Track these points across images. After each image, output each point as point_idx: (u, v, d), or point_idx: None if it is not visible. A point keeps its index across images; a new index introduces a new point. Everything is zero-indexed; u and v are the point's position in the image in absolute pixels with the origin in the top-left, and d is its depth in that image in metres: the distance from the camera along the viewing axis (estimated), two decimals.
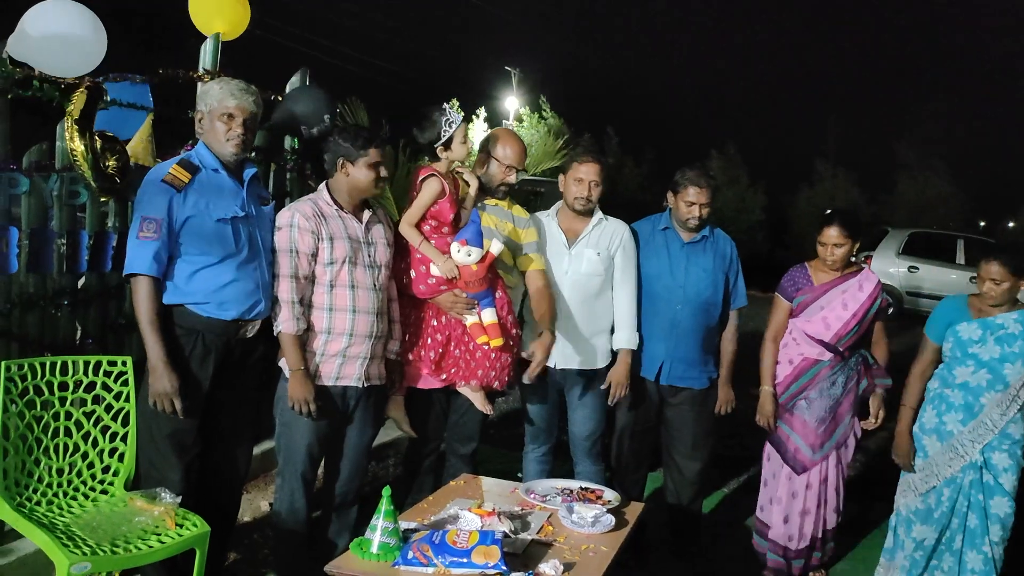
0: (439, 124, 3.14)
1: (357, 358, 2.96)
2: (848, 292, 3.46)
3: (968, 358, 3.15)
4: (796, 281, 3.58)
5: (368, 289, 2.96)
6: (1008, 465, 3.11)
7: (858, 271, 3.54)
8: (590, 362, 3.44)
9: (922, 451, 3.27)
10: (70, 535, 2.45)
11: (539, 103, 24.70)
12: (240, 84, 2.82)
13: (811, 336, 3.47)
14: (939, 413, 3.21)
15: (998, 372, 3.10)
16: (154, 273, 2.66)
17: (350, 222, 2.99)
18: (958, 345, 3.18)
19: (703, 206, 3.49)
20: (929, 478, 3.23)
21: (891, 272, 11.93)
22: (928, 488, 3.24)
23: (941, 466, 3.19)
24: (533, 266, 3.36)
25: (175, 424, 2.72)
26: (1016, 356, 3.07)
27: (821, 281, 3.52)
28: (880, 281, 3.54)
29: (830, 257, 3.45)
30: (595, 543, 2.46)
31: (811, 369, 3.49)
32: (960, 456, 3.15)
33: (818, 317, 3.46)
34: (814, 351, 3.48)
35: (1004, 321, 3.12)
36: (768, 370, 3.56)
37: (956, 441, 3.16)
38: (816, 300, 3.49)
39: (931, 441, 3.23)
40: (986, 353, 3.12)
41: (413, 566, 2.19)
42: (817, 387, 3.47)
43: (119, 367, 2.82)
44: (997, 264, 3.07)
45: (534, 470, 3.53)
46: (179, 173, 2.70)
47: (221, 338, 2.78)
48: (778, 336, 3.59)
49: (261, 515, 3.82)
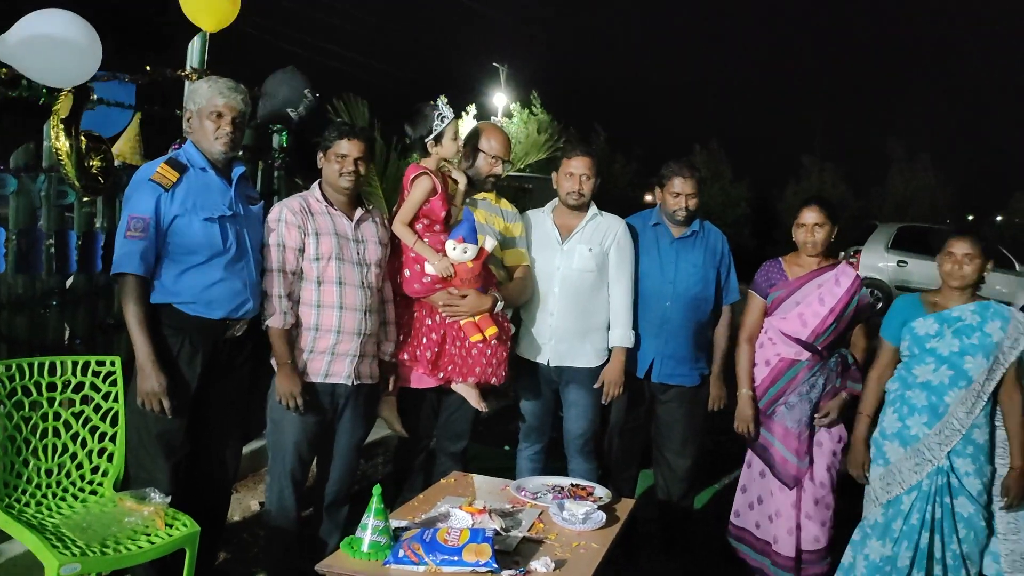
0: (431, 119, 3.13)
1: (346, 355, 2.96)
2: (824, 286, 3.34)
3: (927, 355, 2.98)
4: (770, 276, 3.46)
5: (356, 286, 2.96)
6: (971, 470, 2.95)
7: (835, 265, 3.41)
8: (584, 360, 3.44)
9: (882, 458, 3.05)
10: (59, 536, 2.45)
11: (529, 99, 24.69)
12: (229, 83, 2.82)
13: (787, 335, 3.35)
14: (901, 416, 3.02)
15: (959, 367, 2.93)
16: (141, 272, 2.65)
17: (339, 219, 2.98)
18: (915, 342, 3.01)
19: (689, 196, 3.49)
20: (891, 486, 3.02)
21: (880, 267, 11.98)
22: (889, 498, 3.02)
23: (905, 472, 2.98)
24: (518, 260, 3.38)
25: (163, 424, 2.72)
26: (976, 348, 2.91)
27: (796, 275, 3.40)
28: (859, 276, 3.40)
29: (810, 240, 3.34)
30: (586, 540, 2.47)
31: (789, 371, 3.37)
32: (928, 460, 2.95)
33: (794, 313, 3.35)
34: (791, 351, 3.36)
35: (960, 313, 2.97)
36: (745, 372, 3.44)
37: (922, 445, 2.96)
38: (791, 295, 3.37)
39: (893, 447, 3.02)
40: (945, 348, 2.95)
41: (404, 564, 2.19)
42: (796, 391, 3.35)
43: (108, 367, 2.81)
44: (968, 240, 2.95)
45: (527, 468, 3.53)
46: (167, 172, 2.69)
47: (209, 337, 2.77)
48: (753, 336, 3.47)
49: (251, 514, 3.81)
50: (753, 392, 3.43)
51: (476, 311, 3.09)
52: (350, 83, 5.45)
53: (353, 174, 2.96)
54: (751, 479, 3.54)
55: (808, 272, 3.40)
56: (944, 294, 3.06)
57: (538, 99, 24.29)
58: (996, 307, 2.99)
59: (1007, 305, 3.08)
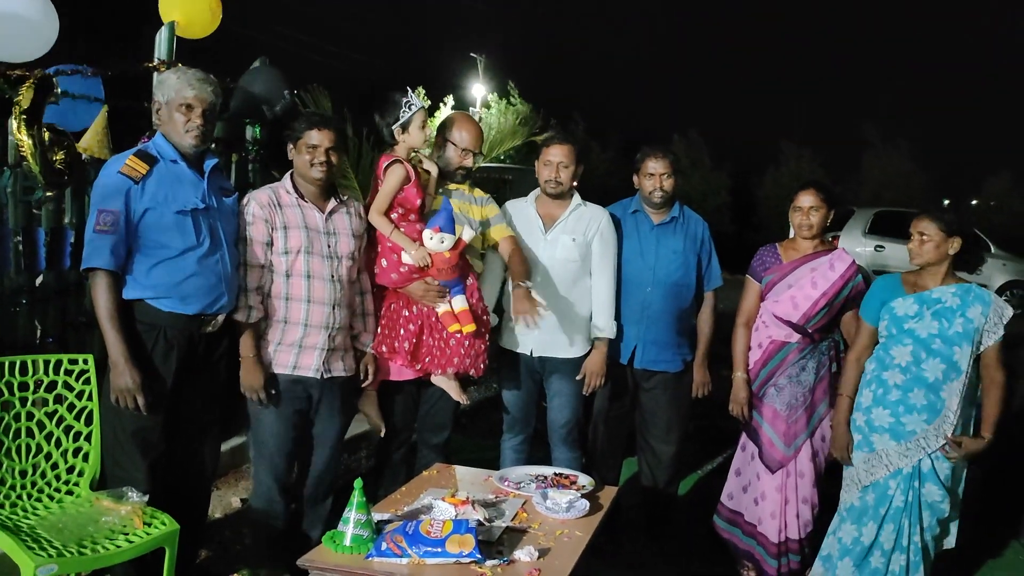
0: (399, 106, 3.11)
1: (314, 348, 2.93)
2: (818, 270, 3.35)
3: (905, 335, 3.00)
4: (765, 261, 3.50)
5: (325, 280, 2.93)
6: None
7: (830, 250, 3.43)
8: (567, 350, 3.43)
9: (868, 446, 3.07)
10: (35, 537, 2.41)
11: (507, 89, 24.62)
12: (198, 74, 2.76)
13: (779, 317, 3.39)
14: (894, 412, 3.01)
15: (950, 359, 2.95)
16: (112, 267, 2.60)
17: (309, 211, 2.95)
18: (894, 322, 3.03)
19: (663, 176, 3.49)
20: (876, 469, 3.05)
21: (858, 251, 12.06)
22: (873, 480, 3.05)
23: (895, 457, 3.01)
24: (502, 234, 3.34)
25: (139, 421, 2.67)
26: (961, 336, 2.93)
27: (791, 259, 3.43)
28: (855, 263, 3.39)
29: (805, 222, 3.35)
30: (570, 528, 2.46)
31: (779, 352, 3.39)
32: (922, 448, 2.98)
33: (786, 296, 3.37)
34: (782, 333, 3.39)
35: (941, 295, 2.98)
36: (740, 356, 3.47)
37: (920, 438, 2.98)
38: (784, 278, 3.40)
39: (883, 439, 3.03)
40: (923, 329, 2.97)
41: (387, 557, 2.17)
42: (786, 373, 3.38)
43: (80, 365, 2.77)
44: (928, 219, 2.98)
45: (511, 458, 3.52)
46: (136, 165, 2.64)
47: (184, 333, 2.73)
48: (750, 320, 3.50)
49: (232, 511, 3.78)
50: (747, 375, 3.46)
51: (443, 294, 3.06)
52: (326, 75, 5.39)
53: (325, 164, 2.92)
54: (744, 462, 3.57)
55: (802, 256, 3.42)
56: (924, 274, 3.06)
57: (515, 89, 24.23)
58: (977, 291, 2.99)
59: (984, 288, 3.09)
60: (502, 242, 3.33)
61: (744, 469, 3.57)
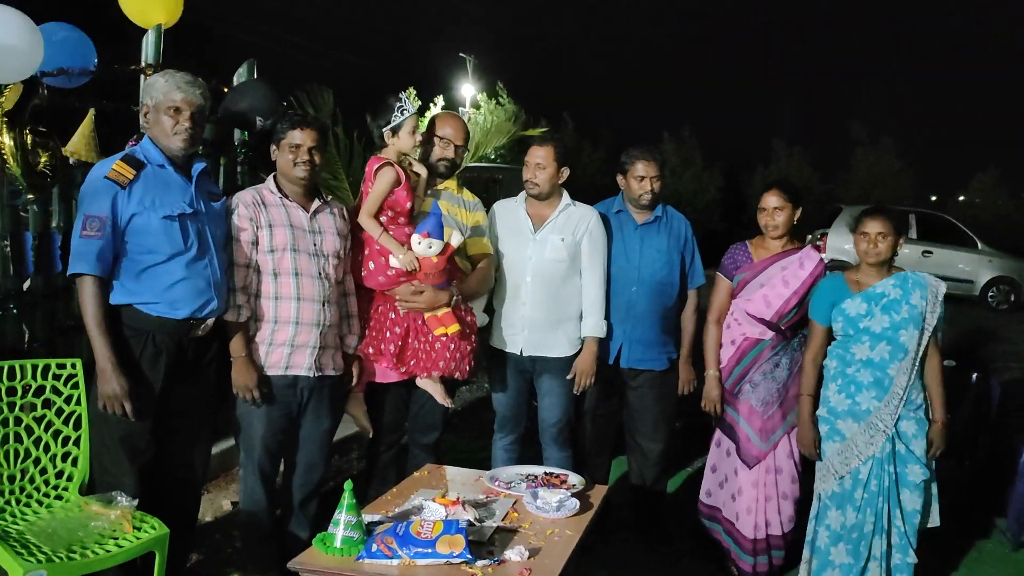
0: (392, 110, 3.12)
1: (306, 347, 2.93)
2: (789, 269, 3.42)
3: (862, 334, 3.12)
4: (736, 259, 3.56)
5: (313, 277, 2.94)
6: (915, 431, 3.12)
7: (799, 248, 3.50)
8: (557, 350, 3.43)
9: (837, 435, 3.17)
10: (24, 543, 2.40)
11: (496, 89, 24.61)
12: (186, 77, 2.75)
13: (752, 315, 3.44)
14: (849, 394, 3.15)
15: (895, 341, 3.08)
16: (99, 272, 2.59)
17: (293, 210, 2.95)
18: (848, 323, 3.14)
19: (653, 179, 3.51)
20: (850, 459, 3.14)
21: (846, 249, 12.09)
22: (848, 470, 3.15)
23: (861, 445, 3.12)
24: (480, 249, 3.36)
25: (127, 427, 2.66)
26: (907, 321, 3.07)
27: (761, 257, 3.49)
28: (823, 260, 3.47)
29: (771, 223, 3.43)
30: (560, 527, 2.47)
31: (752, 349, 3.45)
32: (881, 431, 3.09)
33: (758, 295, 3.43)
34: (755, 330, 3.45)
35: (884, 289, 3.11)
36: (712, 353, 3.54)
37: (875, 417, 3.10)
38: (756, 277, 3.46)
39: (847, 424, 3.15)
40: (876, 325, 3.09)
41: (377, 559, 2.18)
42: (760, 369, 3.44)
43: (69, 370, 2.75)
44: (883, 218, 3.11)
45: (502, 458, 3.53)
46: (123, 169, 2.62)
47: (173, 338, 2.72)
48: (721, 318, 3.57)
49: (223, 514, 3.77)
50: (719, 372, 3.52)
51: (432, 306, 3.07)
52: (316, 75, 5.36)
53: (308, 163, 2.93)
54: (720, 458, 3.62)
55: (772, 255, 3.48)
56: (864, 272, 3.18)
57: (504, 89, 24.22)
58: (914, 277, 3.15)
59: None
60: (477, 256, 3.36)
61: (720, 465, 3.62)
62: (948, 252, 12.09)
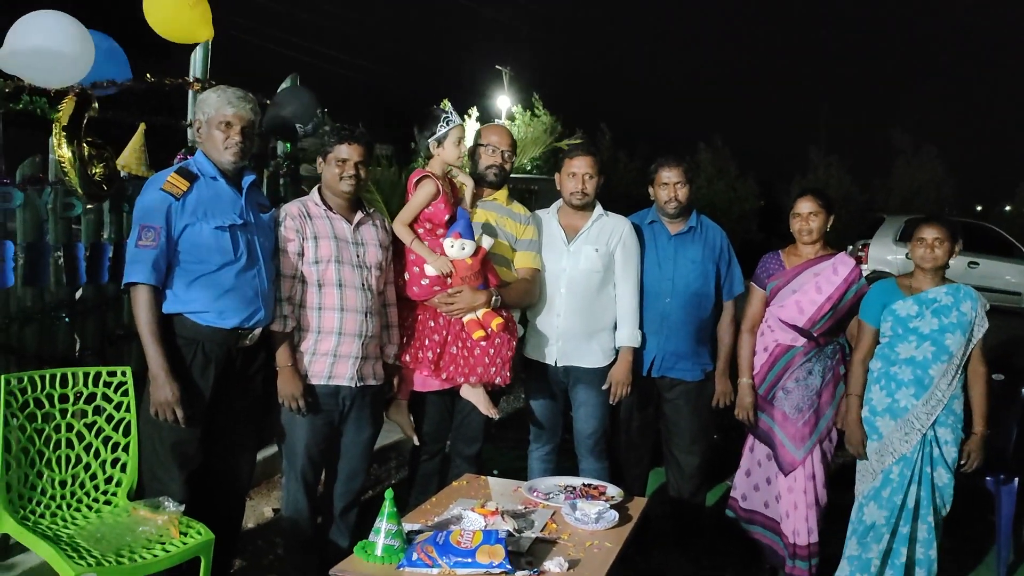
0: (438, 120, 3.16)
1: (348, 357, 2.97)
2: (822, 275, 3.43)
3: (910, 333, 3.18)
4: (768, 267, 3.58)
5: (356, 288, 2.97)
6: (951, 439, 3.18)
7: (833, 254, 3.52)
8: (591, 360, 3.44)
9: (875, 433, 3.23)
10: (75, 546, 2.45)
11: (531, 101, 24.67)
12: (237, 92, 2.82)
13: (785, 322, 3.45)
14: (889, 392, 3.21)
15: (941, 343, 3.14)
16: (153, 282, 2.66)
17: (338, 222, 3.00)
18: (898, 323, 3.20)
19: (678, 186, 3.51)
20: (884, 457, 3.21)
21: (888, 259, 11.91)
22: (883, 468, 3.22)
23: (897, 443, 3.18)
24: (525, 263, 3.37)
25: (177, 434, 2.72)
26: (955, 326, 3.13)
27: (793, 264, 3.51)
28: (858, 266, 3.50)
29: (805, 227, 3.46)
30: (599, 539, 2.47)
31: (784, 356, 3.47)
32: (917, 430, 3.15)
33: (791, 301, 3.43)
34: (787, 337, 3.46)
35: (936, 295, 3.18)
36: (746, 362, 3.55)
37: (912, 415, 3.16)
38: (788, 284, 3.47)
39: (884, 421, 3.21)
40: (926, 326, 3.16)
41: (418, 567, 2.20)
42: (793, 376, 3.44)
43: (119, 377, 2.82)
44: (940, 225, 3.17)
45: (538, 469, 3.53)
46: (177, 181, 2.70)
47: (222, 347, 2.78)
48: (755, 327, 3.59)
49: (265, 521, 3.82)
50: (752, 380, 3.54)
51: (471, 307, 3.09)
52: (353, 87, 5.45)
53: (354, 178, 2.97)
54: (753, 463, 3.65)
55: (805, 261, 3.50)
56: (917, 277, 3.25)
57: (540, 101, 24.27)
58: (965, 288, 3.23)
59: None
60: (523, 269, 3.38)
61: (754, 470, 3.65)
62: (994, 263, 11.80)
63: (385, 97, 20.27)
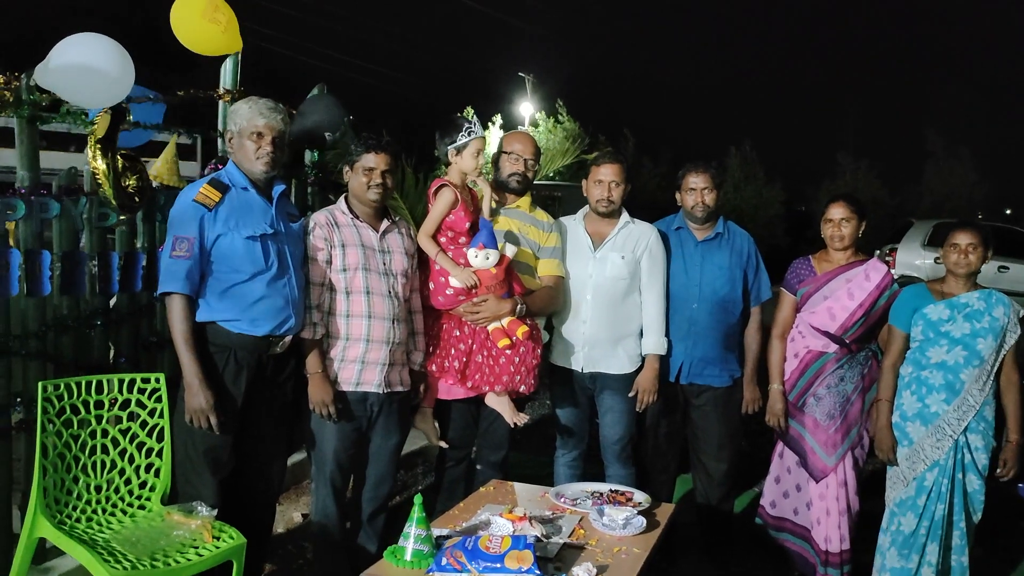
0: (460, 129, 3.18)
1: (376, 364, 3.00)
2: (854, 281, 3.40)
3: (941, 337, 3.17)
4: (799, 273, 3.55)
5: (383, 296, 3.00)
6: (981, 445, 3.17)
7: (865, 260, 3.48)
8: (617, 366, 3.44)
9: (906, 439, 3.22)
10: (110, 550, 2.51)
11: (555, 107, 24.70)
12: (268, 103, 2.87)
13: (816, 328, 3.43)
14: (920, 397, 3.19)
15: (972, 347, 3.13)
16: (187, 291, 2.71)
17: (364, 230, 3.03)
18: (929, 327, 3.19)
19: (705, 191, 3.50)
20: (916, 464, 3.19)
21: (917, 264, 11.77)
22: (914, 475, 3.20)
23: (928, 449, 3.17)
24: (549, 271, 3.39)
25: (211, 440, 2.76)
26: (987, 331, 3.13)
27: (824, 271, 3.48)
28: (890, 272, 3.46)
29: (837, 234, 3.42)
30: (627, 545, 2.47)
31: (816, 362, 3.44)
32: (948, 436, 3.14)
33: (823, 307, 3.41)
34: (819, 343, 3.44)
35: (968, 300, 3.18)
36: (776, 368, 3.53)
37: (943, 421, 3.14)
38: (819, 290, 3.44)
39: (915, 427, 3.19)
40: (957, 330, 3.15)
41: (447, 572, 2.21)
42: (824, 383, 3.42)
43: (152, 384, 2.88)
44: (974, 231, 3.17)
45: (565, 475, 3.54)
46: (210, 192, 2.75)
47: (253, 354, 2.82)
48: (785, 333, 3.56)
49: (294, 526, 3.86)
50: (783, 386, 3.52)
51: (497, 315, 3.10)
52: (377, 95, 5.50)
53: (381, 187, 3.01)
54: (783, 469, 3.64)
55: (836, 267, 3.47)
56: (949, 283, 3.25)
57: (564, 107, 24.29)
58: (997, 295, 3.23)
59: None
60: (547, 277, 3.39)
61: (783, 477, 3.64)
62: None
63: (409, 105, 20.42)
